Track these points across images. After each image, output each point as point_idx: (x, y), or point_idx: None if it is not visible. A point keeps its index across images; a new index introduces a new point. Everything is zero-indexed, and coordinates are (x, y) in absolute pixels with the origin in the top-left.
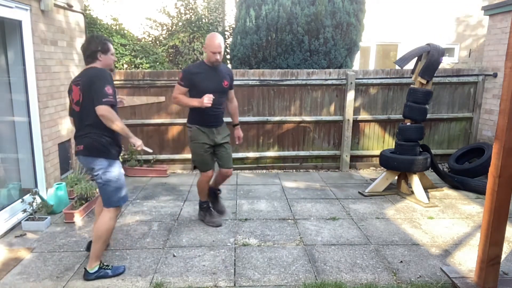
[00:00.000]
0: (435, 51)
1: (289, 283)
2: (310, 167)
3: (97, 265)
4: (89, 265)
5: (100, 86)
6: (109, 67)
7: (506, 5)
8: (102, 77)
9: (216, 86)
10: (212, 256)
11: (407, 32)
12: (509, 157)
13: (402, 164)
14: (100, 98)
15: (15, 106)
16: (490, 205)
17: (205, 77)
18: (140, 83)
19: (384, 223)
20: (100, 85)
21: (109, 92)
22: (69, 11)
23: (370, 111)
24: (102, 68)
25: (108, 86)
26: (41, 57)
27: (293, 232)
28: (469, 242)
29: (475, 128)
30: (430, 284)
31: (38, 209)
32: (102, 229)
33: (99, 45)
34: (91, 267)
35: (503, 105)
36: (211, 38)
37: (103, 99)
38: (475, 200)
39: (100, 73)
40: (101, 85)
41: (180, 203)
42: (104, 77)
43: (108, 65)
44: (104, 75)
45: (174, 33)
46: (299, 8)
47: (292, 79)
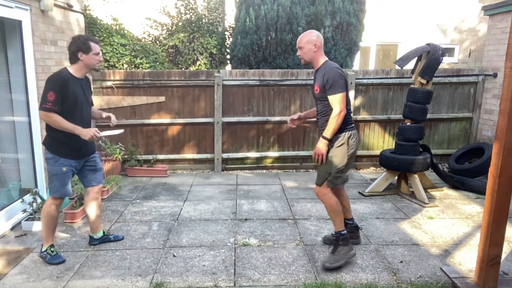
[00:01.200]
0: (435, 51)
1: (289, 283)
2: (310, 167)
3: (46, 246)
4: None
5: (44, 91)
6: (91, 67)
7: (506, 5)
8: (50, 81)
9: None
10: (212, 256)
11: (407, 32)
12: (509, 157)
13: (402, 164)
14: (41, 103)
15: (15, 106)
16: (490, 205)
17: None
18: (140, 83)
19: (384, 223)
20: (45, 89)
21: (50, 98)
22: (69, 11)
23: (370, 111)
24: (59, 71)
25: (51, 92)
26: (41, 57)
27: (293, 232)
28: (469, 242)
29: (475, 128)
30: (430, 284)
31: (38, 209)
32: (43, 213)
33: (80, 45)
34: (43, 246)
35: (503, 105)
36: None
37: (42, 105)
38: (475, 200)
39: (51, 77)
40: (45, 90)
41: (180, 203)
42: (52, 81)
43: (90, 65)
44: (53, 80)
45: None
46: (299, 8)
47: (292, 79)
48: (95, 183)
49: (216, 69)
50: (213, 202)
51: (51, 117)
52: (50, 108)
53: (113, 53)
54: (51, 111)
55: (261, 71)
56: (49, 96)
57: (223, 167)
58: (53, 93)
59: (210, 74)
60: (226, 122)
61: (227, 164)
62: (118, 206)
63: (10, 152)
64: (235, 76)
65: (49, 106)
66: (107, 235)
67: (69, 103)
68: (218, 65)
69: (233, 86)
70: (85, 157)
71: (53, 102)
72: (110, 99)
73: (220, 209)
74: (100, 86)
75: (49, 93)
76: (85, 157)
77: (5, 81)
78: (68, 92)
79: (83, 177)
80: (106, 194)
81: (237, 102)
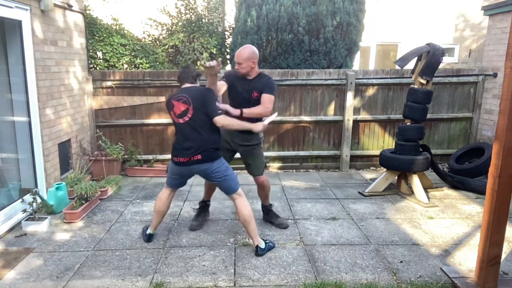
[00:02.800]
0: (435, 51)
1: (289, 283)
2: (310, 167)
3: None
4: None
5: (212, 101)
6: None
7: (506, 5)
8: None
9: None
10: (212, 256)
11: (407, 32)
12: (509, 157)
13: (402, 164)
14: (215, 110)
15: (15, 106)
16: (490, 205)
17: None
18: (140, 83)
19: (384, 223)
20: (212, 99)
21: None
22: (69, 11)
23: (370, 111)
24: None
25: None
26: (41, 57)
27: (293, 232)
28: (469, 242)
29: (475, 128)
30: (430, 284)
31: (38, 209)
32: (249, 214)
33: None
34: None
35: (503, 105)
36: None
37: (216, 111)
38: (475, 200)
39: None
40: (212, 99)
41: (180, 203)
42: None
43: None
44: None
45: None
46: (300, 8)
47: (292, 79)
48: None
49: None
50: (213, 202)
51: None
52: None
53: (113, 53)
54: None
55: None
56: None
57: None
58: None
59: None
60: None
61: None
62: (118, 206)
63: (10, 152)
64: None
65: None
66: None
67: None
68: None
69: None
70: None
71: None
72: (110, 99)
73: (220, 209)
74: (100, 86)
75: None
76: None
77: (5, 81)
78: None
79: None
80: (106, 194)
81: None
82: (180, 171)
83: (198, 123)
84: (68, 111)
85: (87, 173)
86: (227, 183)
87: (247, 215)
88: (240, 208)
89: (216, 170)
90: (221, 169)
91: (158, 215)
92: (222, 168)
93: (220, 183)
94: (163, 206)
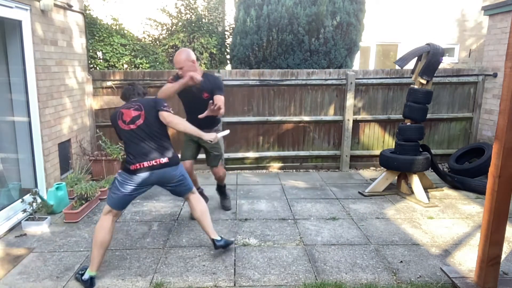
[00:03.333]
0: (435, 51)
1: (289, 283)
2: (310, 167)
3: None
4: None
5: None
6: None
7: (506, 5)
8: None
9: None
10: (212, 256)
11: (407, 32)
12: (509, 157)
13: (402, 164)
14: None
15: (15, 106)
16: (490, 205)
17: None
18: (140, 83)
19: (384, 223)
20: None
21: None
22: (69, 11)
23: (370, 111)
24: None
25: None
26: (41, 57)
27: (293, 232)
28: (469, 242)
29: (475, 128)
30: (430, 284)
31: (38, 209)
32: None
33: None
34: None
35: (503, 105)
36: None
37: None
38: (475, 200)
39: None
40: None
41: (180, 203)
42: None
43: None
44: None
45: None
46: (300, 8)
47: (292, 79)
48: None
49: (216, 69)
50: (213, 202)
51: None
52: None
53: (113, 53)
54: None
55: (261, 71)
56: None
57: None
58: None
59: None
60: (226, 122)
61: (227, 164)
62: None
63: (10, 152)
64: (235, 76)
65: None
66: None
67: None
68: (218, 65)
69: (233, 86)
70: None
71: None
72: (110, 99)
73: (220, 209)
74: (100, 86)
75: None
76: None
77: (5, 81)
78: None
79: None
80: (106, 194)
81: (237, 102)
82: (141, 181)
83: (151, 128)
84: (68, 111)
85: (87, 173)
86: (186, 182)
87: (204, 209)
88: (196, 203)
89: (180, 174)
90: (182, 171)
91: (102, 248)
92: (183, 170)
93: (180, 186)
94: (108, 235)
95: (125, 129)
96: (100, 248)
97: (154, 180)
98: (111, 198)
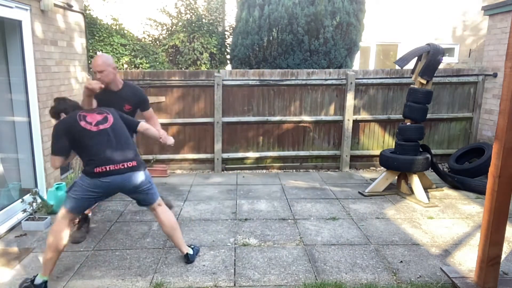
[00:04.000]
0: (435, 51)
1: (289, 283)
2: (310, 167)
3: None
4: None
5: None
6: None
7: (506, 5)
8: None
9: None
10: (212, 256)
11: (407, 32)
12: (509, 157)
13: (402, 164)
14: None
15: (15, 106)
16: (490, 205)
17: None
18: (140, 83)
19: (384, 223)
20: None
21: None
22: (69, 11)
23: (370, 111)
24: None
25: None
26: (41, 57)
27: (293, 232)
28: (469, 242)
29: (475, 128)
30: (430, 284)
31: (38, 209)
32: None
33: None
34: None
35: (503, 105)
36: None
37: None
38: (475, 200)
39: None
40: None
41: (180, 203)
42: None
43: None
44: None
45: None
46: (299, 8)
47: (292, 79)
48: None
49: (216, 69)
50: (213, 202)
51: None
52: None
53: (113, 53)
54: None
55: (261, 71)
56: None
57: (223, 167)
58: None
59: (210, 74)
60: (226, 122)
61: (227, 164)
62: (118, 206)
63: (10, 152)
64: (235, 76)
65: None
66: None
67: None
68: (218, 65)
69: (233, 86)
70: None
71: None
72: None
73: (220, 209)
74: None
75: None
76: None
77: (5, 81)
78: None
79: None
80: None
81: (237, 102)
82: (108, 185)
83: (120, 130)
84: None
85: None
86: (152, 190)
87: (174, 222)
88: (164, 217)
89: (147, 180)
90: (149, 177)
91: (57, 252)
92: (149, 177)
93: (147, 194)
94: (65, 239)
95: (91, 130)
96: (56, 252)
97: (119, 185)
98: (70, 202)
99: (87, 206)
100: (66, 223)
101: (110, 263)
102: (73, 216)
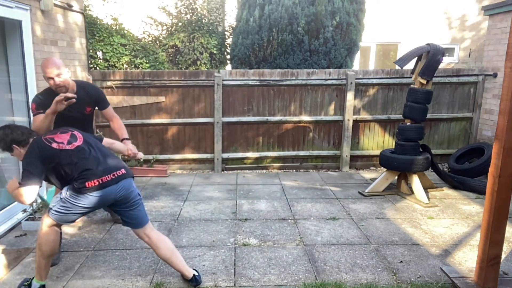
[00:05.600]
0: (435, 51)
1: (289, 283)
2: (310, 167)
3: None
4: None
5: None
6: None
7: (506, 5)
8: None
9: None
10: (212, 256)
11: (407, 32)
12: (509, 157)
13: (402, 164)
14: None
15: (15, 106)
16: (490, 205)
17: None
18: (140, 83)
19: (384, 223)
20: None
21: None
22: (69, 11)
23: (370, 111)
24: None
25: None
26: (41, 57)
27: (293, 232)
28: (469, 242)
29: (475, 128)
30: (430, 284)
31: (38, 209)
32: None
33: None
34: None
35: (503, 105)
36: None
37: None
38: (475, 200)
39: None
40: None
41: (180, 203)
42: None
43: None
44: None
45: (174, 33)
46: (299, 8)
47: (292, 79)
48: None
49: (216, 69)
50: (213, 202)
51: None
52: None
53: (113, 53)
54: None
55: (261, 71)
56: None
57: (223, 167)
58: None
59: (210, 74)
60: (226, 122)
61: (227, 164)
62: None
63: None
64: (235, 76)
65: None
66: None
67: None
68: (218, 65)
69: (233, 86)
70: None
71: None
72: (110, 99)
73: (220, 209)
74: (100, 86)
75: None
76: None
77: (5, 81)
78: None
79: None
80: None
81: (237, 102)
82: (102, 199)
83: (95, 143)
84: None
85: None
86: (143, 206)
87: (170, 243)
88: (161, 241)
89: (137, 190)
90: (137, 190)
91: (50, 258)
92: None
93: (138, 208)
94: (57, 246)
95: (69, 149)
96: (49, 258)
97: (114, 196)
98: (57, 215)
99: (76, 219)
100: (55, 231)
101: (110, 263)
102: (60, 226)
